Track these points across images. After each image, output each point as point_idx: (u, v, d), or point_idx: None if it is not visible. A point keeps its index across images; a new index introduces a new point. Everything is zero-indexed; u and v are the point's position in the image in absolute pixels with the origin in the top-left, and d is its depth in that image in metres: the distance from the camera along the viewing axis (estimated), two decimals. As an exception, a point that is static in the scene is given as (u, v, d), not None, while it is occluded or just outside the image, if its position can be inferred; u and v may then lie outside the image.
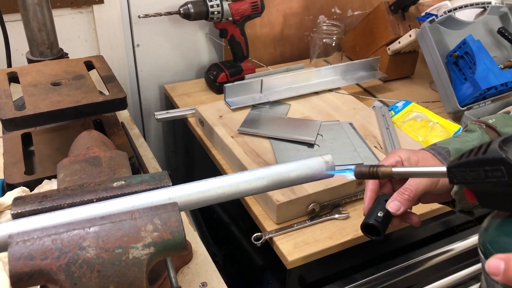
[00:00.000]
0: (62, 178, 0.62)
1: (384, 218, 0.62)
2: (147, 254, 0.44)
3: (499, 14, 1.35)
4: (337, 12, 1.61)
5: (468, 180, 0.43)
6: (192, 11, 1.23)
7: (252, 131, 1.08)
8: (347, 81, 1.32)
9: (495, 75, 1.19)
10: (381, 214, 0.62)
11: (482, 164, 0.41)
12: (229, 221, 1.17)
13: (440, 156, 0.68)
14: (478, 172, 0.42)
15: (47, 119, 0.80)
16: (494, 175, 0.41)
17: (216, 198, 0.48)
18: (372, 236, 0.63)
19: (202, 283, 0.73)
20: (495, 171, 0.41)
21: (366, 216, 0.63)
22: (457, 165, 0.44)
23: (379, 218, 0.62)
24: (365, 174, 0.56)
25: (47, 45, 0.98)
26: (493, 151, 0.41)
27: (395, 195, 0.63)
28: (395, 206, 0.62)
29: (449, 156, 0.68)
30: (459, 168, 0.44)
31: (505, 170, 0.39)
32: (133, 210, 0.46)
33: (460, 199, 0.67)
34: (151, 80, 1.46)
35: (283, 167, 0.50)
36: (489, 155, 0.41)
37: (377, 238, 0.63)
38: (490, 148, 0.41)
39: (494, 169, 0.41)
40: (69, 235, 0.43)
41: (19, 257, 0.41)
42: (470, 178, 0.43)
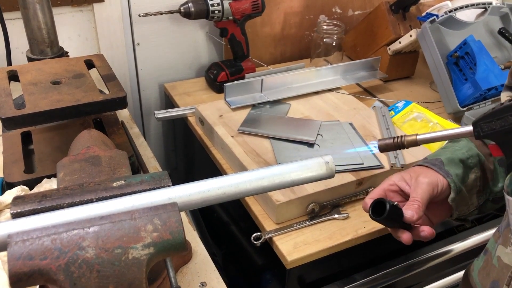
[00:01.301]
0: (61, 177, 0.62)
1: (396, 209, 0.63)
2: (146, 255, 0.44)
3: (500, 15, 1.35)
4: (337, 11, 1.60)
5: (496, 128, 0.47)
6: (192, 10, 1.23)
7: (252, 131, 1.08)
8: (348, 81, 1.32)
9: (495, 76, 1.19)
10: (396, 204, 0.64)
11: (508, 110, 0.44)
12: (228, 220, 1.17)
13: (435, 166, 0.71)
14: (506, 118, 0.45)
15: (47, 117, 0.80)
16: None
17: (216, 199, 0.48)
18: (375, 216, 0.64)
19: (202, 283, 0.73)
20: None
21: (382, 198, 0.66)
22: (484, 117, 0.48)
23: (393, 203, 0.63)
24: (389, 145, 0.58)
25: (47, 44, 0.98)
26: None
27: (406, 207, 0.66)
28: (410, 213, 0.65)
29: (444, 165, 0.70)
30: (485, 119, 0.47)
31: None
32: (133, 210, 0.45)
33: (457, 206, 0.71)
34: (151, 79, 1.46)
35: (283, 167, 0.50)
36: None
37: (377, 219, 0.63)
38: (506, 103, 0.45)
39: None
40: (68, 235, 0.43)
41: (18, 257, 0.41)
42: (498, 126, 0.47)
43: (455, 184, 0.69)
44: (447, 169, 0.70)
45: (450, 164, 0.71)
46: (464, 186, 0.70)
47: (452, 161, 0.71)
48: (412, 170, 0.72)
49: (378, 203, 0.64)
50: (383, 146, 0.59)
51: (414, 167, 0.73)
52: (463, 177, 0.70)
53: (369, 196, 0.71)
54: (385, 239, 0.94)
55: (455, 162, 0.71)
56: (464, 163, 0.72)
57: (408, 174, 0.71)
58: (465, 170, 0.71)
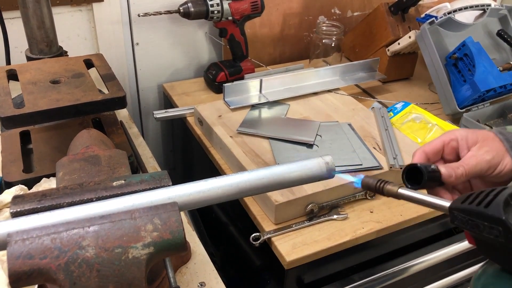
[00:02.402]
0: (61, 176, 0.62)
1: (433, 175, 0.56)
2: (146, 254, 0.44)
3: (499, 17, 1.35)
4: (336, 12, 1.61)
5: (467, 227, 0.42)
6: (192, 10, 1.23)
7: (251, 131, 1.08)
8: (346, 82, 1.32)
9: (494, 77, 1.19)
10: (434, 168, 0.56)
11: (481, 217, 0.40)
12: (227, 221, 1.17)
13: (508, 143, 0.61)
14: (477, 223, 0.40)
15: (46, 117, 0.80)
16: (492, 232, 0.39)
17: (216, 198, 0.48)
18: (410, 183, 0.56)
19: (201, 283, 0.73)
20: (493, 229, 0.39)
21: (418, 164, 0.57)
22: (459, 208, 0.43)
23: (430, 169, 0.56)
24: (371, 186, 0.55)
25: (46, 43, 0.98)
26: (496, 207, 0.39)
27: (449, 164, 0.58)
28: (448, 171, 0.57)
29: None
30: (460, 212, 0.42)
31: (502, 231, 0.38)
32: (132, 210, 0.45)
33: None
34: (150, 79, 1.46)
35: (283, 167, 0.50)
36: (490, 212, 0.39)
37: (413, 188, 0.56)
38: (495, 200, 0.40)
39: (492, 227, 0.39)
40: (68, 234, 0.43)
41: (18, 256, 0.41)
42: (468, 226, 0.41)
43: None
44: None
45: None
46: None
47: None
48: (482, 135, 0.61)
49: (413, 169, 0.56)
50: (365, 184, 0.56)
51: (487, 132, 0.62)
52: None
53: (423, 148, 0.61)
54: (384, 240, 0.95)
55: None
56: None
57: (475, 136, 0.61)
58: None
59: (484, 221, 0.40)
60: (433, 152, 0.61)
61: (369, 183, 0.54)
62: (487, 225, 0.39)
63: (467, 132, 0.62)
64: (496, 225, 0.38)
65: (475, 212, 0.40)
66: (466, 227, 0.42)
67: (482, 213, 0.40)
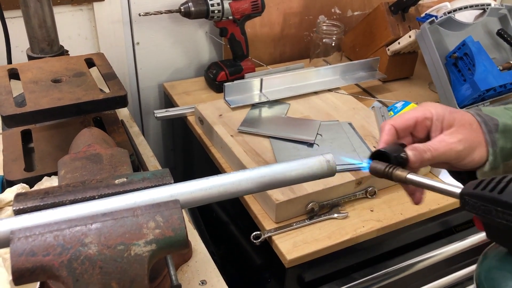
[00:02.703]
0: (63, 175, 0.62)
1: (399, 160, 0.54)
2: (149, 251, 0.44)
3: (499, 16, 1.35)
4: (337, 12, 1.61)
5: (479, 212, 0.43)
6: (192, 9, 1.24)
7: (252, 130, 1.08)
8: (347, 81, 1.32)
9: (494, 77, 1.19)
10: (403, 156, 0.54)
11: (495, 203, 0.41)
12: (228, 220, 1.17)
13: (486, 127, 0.56)
14: (490, 209, 0.41)
15: (47, 116, 0.80)
16: (504, 218, 0.40)
17: (217, 196, 0.48)
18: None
19: (202, 281, 0.73)
20: (506, 214, 0.40)
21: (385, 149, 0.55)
22: (471, 194, 0.43)
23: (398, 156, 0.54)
24: (379, 171, 0.54)
25: (47, 42, 0.98)
26: (510, 193, 0.40)
27: (417, 146, 0.55)
28: (414, 158, 0.54)
29: (497, 131, 0.56)
30: (472, 197, 0.43)
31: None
32: (135, 207, 0.46)
33: None
34: (151, 78, 1.46)
35: (284, 165, 0.50)
36: (504, 198, 0.40)
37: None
38: (509, 187, 0.41)
39: (506, 213, 0.40)
40: (71, 231, 0.43)
41: (21, 253, 0.41)
42: (480, 211, 0.42)
43: (495, 159, 0.56)
44: (497, 137, 0.56)
45: (504, 133, 0.56)
46: (503, 165, 0.57)
47: (508, 130, 0.57)
48: (460, 118, 0.56)
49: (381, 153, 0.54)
50: (373, 169, 0.55)
51: (466, 115, 0.57)
52: (509, 155, 0.57)
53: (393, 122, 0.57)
54: (384, 238, 0.95)
55: (511, 133, 0.57)
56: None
57: (452, 118, 0.56)
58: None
59: (497, 206, 0.41)
60: (404, 128, 0.57)
61: (377, 168, 0.54)
62: (500, 210, 0.40)
63: (444, 111, 0.57)
64: (510, 210, 0.40)
65: (488, 197, 0.42)
66: (478, 213, 0.43)
67: (496, 199, 0.41)
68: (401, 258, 1.02)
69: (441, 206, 0.97)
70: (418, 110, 0.57)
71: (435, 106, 0.58)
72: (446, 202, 0.97)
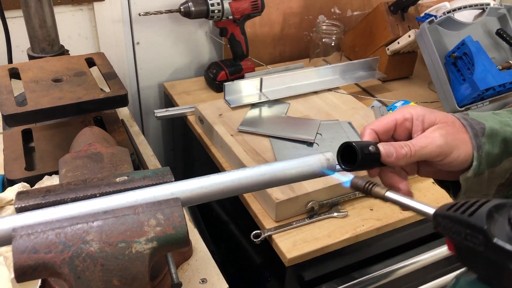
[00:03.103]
0: (64, 173, 0.63)
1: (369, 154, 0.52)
2: (150, 249, 0.44)
3: (498, 16, 1.35)
4: (336, 12, 1.61)
5: (449, 234, 0.43)
6: (192, 9, 1.24)
7: (252, 130, 1.08)
8: (346, 81, 1.33)
9: (493, 76, 1.20)
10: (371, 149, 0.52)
11: (465, 225, 0.41)
12: (228, 219, 1.17)
13: (472, 131, 0.54)
14: (460, 230, 0.42)
15: (48, 115, 0.80)
16: (473, 241, 0.40)
17: (218, 194, 0.49)
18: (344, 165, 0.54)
19: (202, 279, 0.73)
20: (474, 237, 0.40)
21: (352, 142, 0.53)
22: (444, 215, 0.44)
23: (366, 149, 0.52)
24: (360, 187, 0.54)
25: (48, 42, 0.99)
26: (480, 216, 0.40)
27: (392, 143, 0.53)
28: (389, 150, 0.52)
29: (483, 135, 0.54)
30: (444, 218, 0.44)
31: (483, 240, 0.39)
32: (136, 205, 0.46)
33: (467, 190, 0.55)
34: (151, 78, 1.47)
35: (284, 164, 0.51)
36: (473, 220, 0.40)
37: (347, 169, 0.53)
38: (479, 210, 0.41)
39: (474, 235, 0.40)
40: (72, 229, 0.43)
41: (23, 250, 0.42)
42: (451, 233, 0.42)
43: (480, 164, 0.53)
44: (483, 141, 0.54)
45: (490, 137, 0.54)
46: (488, 171, 0.55)
47: (495, 135, 0.54)
48: (442, 117, 0.55)
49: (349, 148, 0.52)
50: (354, 184, 0.55)
51: (448, 115, 0.56)
52: (495, 161, 0.55)
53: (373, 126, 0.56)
54: (384, 237, 0.95)
55: (497, 138, 0.55)
56: (507, 145, 0.55)
57: (433, 117, 0.55)
58: (502, 153, 0.55)
59: (466, 228, 0.41)
60: (384, 131, 0.56)
61: (358, 184, 0.53)
62: (469, 233, 0.41)
63: (425, 111, 0.55)
64: (478, 234, 0.40)
65: (459, 219, 0.42)
66: (448, 234, 0.43)
67: (466, 221, 0.41)
68: (401, 256, 1.02)
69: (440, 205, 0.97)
70: (396, 113, 0.57)
71: (414, 107, 0.57)
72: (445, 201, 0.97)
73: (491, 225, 0.39)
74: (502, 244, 0.37)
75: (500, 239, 0.38)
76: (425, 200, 0.97)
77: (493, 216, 0.40)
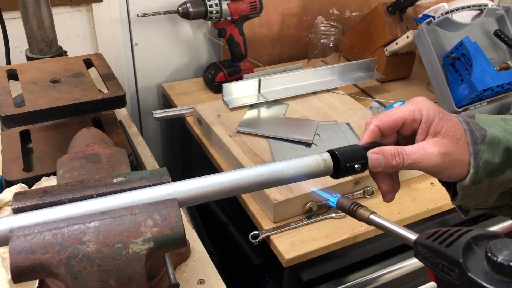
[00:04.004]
0: (61, 174, 0.63)
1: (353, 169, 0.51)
2: (147, 249, 0.44)
3: (496, 16, 1.36)
4: (335, 13, 1.61)
5: (428, 264, 0.42)
6: (191, 10, 1.24)
7: (250, 131, 1.08)
8: (345, 82, 1.33)
9: (491, 77, 1.20)
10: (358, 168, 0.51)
11: (441, 256, 0.39)
12: (226, 220, 1.17)
13: (471, 137, 0.52)
14: (437, 262, 0.40)
15: (46, 116, 0.80)
16: (449, 273, 0.39)
17: (215, 195, 0.49)
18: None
19: (200, 280, 0.73)
20: (450, 270, 0.38)
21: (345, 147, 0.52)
22: (423, 244, 0.42)
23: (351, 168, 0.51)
24: (345, 208, 0.54)
25: (46, 43, 0.99)
26: (456, 248, 0.38)
27: (385, 150, 0.51)
28: (377, 162, 0.51)
29: (482, 143, 0.51)
30: (423, 247, 0.42)
31: (458, 273, 0.37)
32: (133, 206, 0.46)
33: (464, 196, 0.53)
34: (149, 79, 1.47)
35: (282, 164, 0.51)
36: (449, 252, 0.39)
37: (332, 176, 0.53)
38: (457, 241, 0.39)
39: (450, 268, 0.38)
40: (69, 229, 0.43)
41: (20, 251, 0.42)
42: (429, 263, 0.41)
43: (476, 173, 0.51)
44: (481, 149, 0.51)
45: (491, 145, 0.51)
46: (488, 181, 0.52)
47: (496, 143, 0.52)
48: (449, 127, 0.52)
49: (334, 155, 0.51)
50: (339, 205, 0.55)
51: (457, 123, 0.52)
52: (495, 170, 0.52)
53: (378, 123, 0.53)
54: (382, 237, 0.95)
55: (499, 146, 0.52)
56: (510, 154, 0.52)
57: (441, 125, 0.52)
58: (505, 162, 0.52)
59: (443, 260, 0.39)
60: (390, 128, 0.53)
61: (343, 204, 0.53)
62: (445, 265, 0.39)
63: (435, 116, 0.52)
64: (453, 267, 0.38)
65: (436, 250, 0.40)
66: (427, 264, 0.41)
67: (442, 252, 0.39)
68: (399, 257, 1.02)
69: (438, 205, 0.97)
70: (408, 109, 0.53)
71: (427, 106, 0.53)
72: (444, 202, 0.98)
73: (467, 258, 0.37)
74: (477, 279, 0.36)
75: (475, 274, 0.36)
76: (423, 201, 0.98)
77: (471, 248, 0.38)
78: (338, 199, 0.54)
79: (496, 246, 0.36)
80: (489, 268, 0.35)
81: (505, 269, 0.34)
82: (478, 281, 0.36)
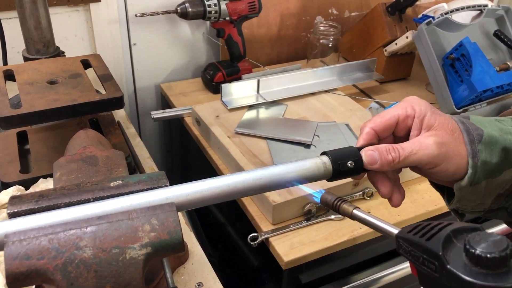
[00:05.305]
0: (58, 177, 0.62)
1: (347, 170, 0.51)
2: (144, 254, 0.44)
3: (495, 17, 1.35)
4: (334, 13, 1.61)
5: (409, 258, 0.42)
6: (189, 10, 1.23)
7: (249, 132, 1.08)
8: (344, 82, 1.32)
9: (491, 78, 1.20)
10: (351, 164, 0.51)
11: (422, 249, 0.40)
12: (225, 221, 1.17)
13: (468, 136, 0.51)
14: (418, 255, 0.40)
15: (43, 117, 0.80)
16: (429, 266, 0.39)
17: (213, 199, 0.48)
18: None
19: (198, 283, 0.72)
20: (430, 263, 0.39)
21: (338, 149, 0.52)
22: (404, 238, 0.42)
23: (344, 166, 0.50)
24: (328, 203, 0.53)
25: (43, 43, 0.98)
26: (436, 241, 0.39)
27: (380, 147, 0.51)
28: (371, 157, 0.50)
29: (479, 142, 0.50)
30: (404, 241, 0.42)
31: (438, 266, 0.38)
32: (130, 210, 0.45)
33: (461, 198, 0.52)
34: (148, 79, 1.46)
35: (280, 168, 0.50)
36: (430, 245, 0.39)
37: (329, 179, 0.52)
38: (437, 235, 0.39)
39: (430, 261, 0.39)
40: (66, 234, 0.43)
41: (15, 256, 0.41)
42: (411, 256, 0.41)
43: (474, 173, 0.50)
44: (479, 148, 0.50)
45: (489, 145, 0.51)
46: (486, 182, 0.51)
47: (493, 143, 0.51)
48: (442, 121, 0.51)
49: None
50: (323, 200, 0.55)
51: (449, 118, 0.52)
52: (493, 171, 0.51)
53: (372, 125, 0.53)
54: (382, 239, 0.95)
55: (497, 146, 0.51)
56: (507, 154, 0.51)
57: (433, 119, 0.51)
58: (502, 163, 0.51)
59: (423, 253, 0.40)
60: (384, 129, 0.53)
61: (327, 200, 0.53)
62: (426, 258, 0.39)
63: (427, 110, 0.52)
64: (433, 260, 0.38)
65: (417, 243, 0.41)
66: (408, 257, 0.42)
67: (423, 246, 0.40)
68: (398, 259, 1.01)
69: (438, 207, 0.97)
70: (400, 107, 0.53)
71: (419, 102, 0.53)
72: (443, 203, 0.97)
73: (447, 251, 0.38)
74: (456, 272, 0.36)
75: (454, 266, 0.37)
76: (423, 202, 0.98)
77: (451, 241, 0.38)
78: (322, 195, 0.53)
79: (475, 239, 0.36)
80: (468, 260, 0.36)
81: (483, 261, 0.35)
82: (457, 273, 0.36)
